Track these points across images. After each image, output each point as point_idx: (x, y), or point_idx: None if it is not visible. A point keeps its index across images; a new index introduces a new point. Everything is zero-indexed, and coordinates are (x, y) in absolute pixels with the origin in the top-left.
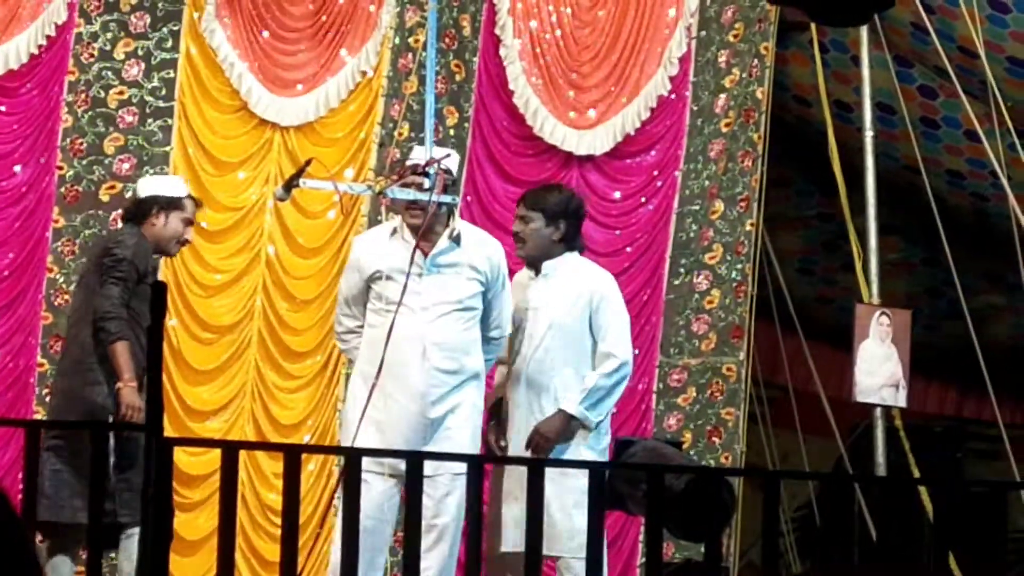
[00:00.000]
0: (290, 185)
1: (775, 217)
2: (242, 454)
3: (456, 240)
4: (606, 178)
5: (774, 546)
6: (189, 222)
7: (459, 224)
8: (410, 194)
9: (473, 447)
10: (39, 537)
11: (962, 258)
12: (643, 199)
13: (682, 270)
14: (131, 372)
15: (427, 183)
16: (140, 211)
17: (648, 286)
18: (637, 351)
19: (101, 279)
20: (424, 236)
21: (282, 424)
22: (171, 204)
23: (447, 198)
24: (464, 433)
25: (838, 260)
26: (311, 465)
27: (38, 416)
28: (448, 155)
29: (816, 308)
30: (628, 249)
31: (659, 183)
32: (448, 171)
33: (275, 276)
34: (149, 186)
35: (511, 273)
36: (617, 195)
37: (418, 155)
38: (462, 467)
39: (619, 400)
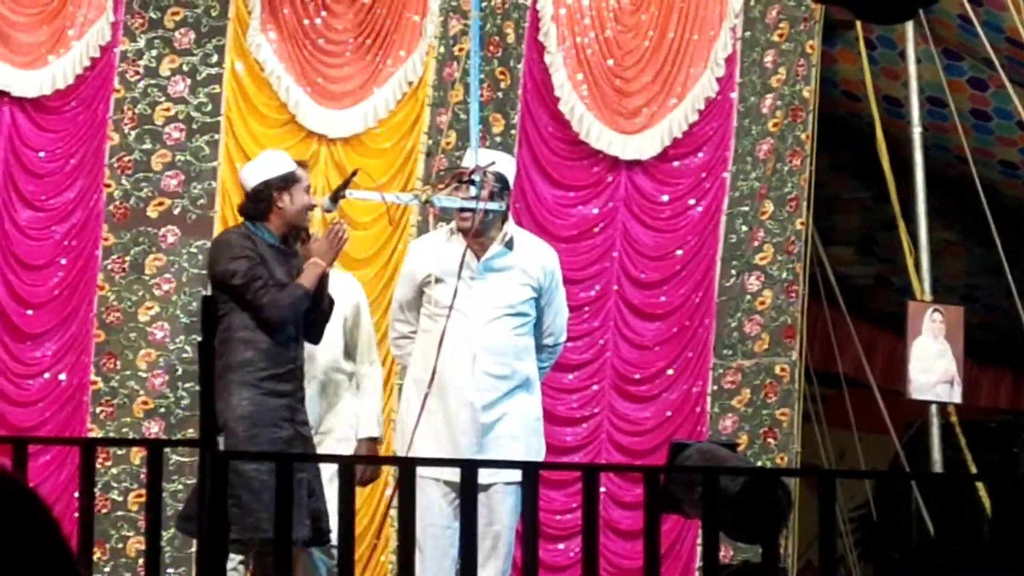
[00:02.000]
0: (336, 196)
1: (832, 199)
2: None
3: (509, 245)
4: (654, 181)
5: (831, 546)
6: (308, 188)
7: (513, 229)
8: (456, 202)
9: (528, 454)
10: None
11: (1019, 248)
12: (692, 201)
13: (733, 272)
14: (311, 272)
15: (473, 191)
16: (259, 204)
17: (700, 289)
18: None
19: (243, 308)
20: (478, 240)
21: None
22: (287, 181)
23: (494, 205)
24: (518, 441)
25: (896, 238)
26: None
27: (92, 435)
28: (493, 161)
29: (875, 291)
30: (679, 252)
31: (708, 185)
32: (498, 176)
33: None
34: (254, 173)
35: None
36: (665, 198)
37: (467, 161)
38: (516, 475)
39: (674, 403)
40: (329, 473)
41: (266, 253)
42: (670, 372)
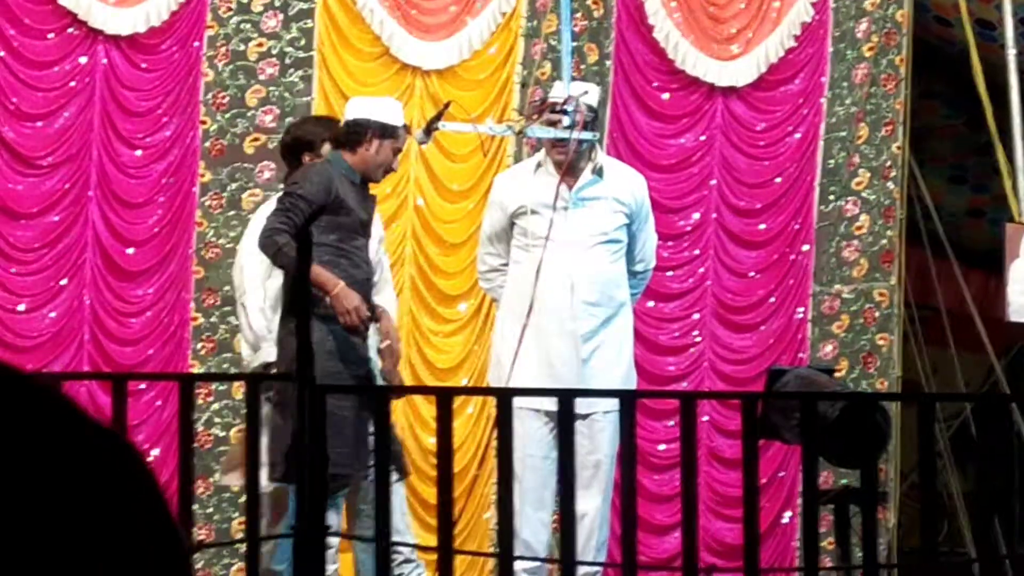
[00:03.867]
0: (430, 129)
1: (924, 127)
2: (400, 400)
3: (599, 173)
4: (751, 109)
5: (931, 469)
6: (399, 151)
7: (602, 158)
8: (551, 132)
9: (625, 382)
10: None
11: None
12: (789, 128)
13: (831, 197)
14: (332, 279)
15: (566, 120)
16: (352, 136)
17: (799, 215)
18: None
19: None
20: (568, 172)
21: (438, 368)
22: (386, 132)
23: (587, 135)
24: (616, 369)
25: (990, 165)
26: (469, 408)
27: (194, 371)
28: (586, 92)
29: (968, 224)
30: (777, 180)
31: (805, 111)
32: (590, 107)
33: (424, 221)
34: (363, 108)
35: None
36: (761, 126)
37: (558, 92)
38: (614, 404)
39: (775, 331)
40: None
41: (344, 188)
42: (772, 300)
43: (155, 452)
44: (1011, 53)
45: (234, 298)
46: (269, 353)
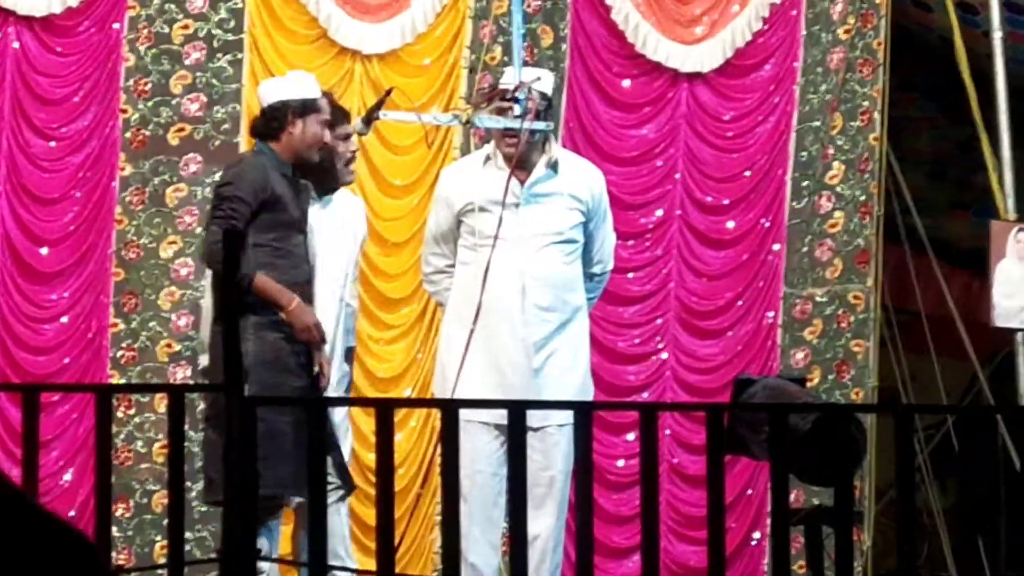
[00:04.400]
0: (370, 118)
1: (902, 120)
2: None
3: (554, 167)
4: (718, 97)
5: (910, 485)
6: (328, 124)
7: (556, 151)
8: (500, 122)
9: (581, 393)
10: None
11: None
12: (759, 117)
13: (804, 192)
14: (286, 294)
15: (517, 109)
16: (271, 123)
17: (770, 212)
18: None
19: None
20: (519, 165)
21: (379, 378)
22: (306, 108)
23: (540, 125)
24: (571, 379)
25: (972, 160)
26: (412, 421)
27: (113, 381)
28: (539, 78)
29: (949, 221)
30: (747, 173)
31: (776, 99)
32: (543, 94)
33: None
34: (274, 90)
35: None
36: (729, 115)
37: (508, 78)
38: (568, 416)
39: (743, 337)
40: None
41: (278, 181)
42: (740, 304)
43: (69, 472)
44: (997, 36)
45: (155, 302)
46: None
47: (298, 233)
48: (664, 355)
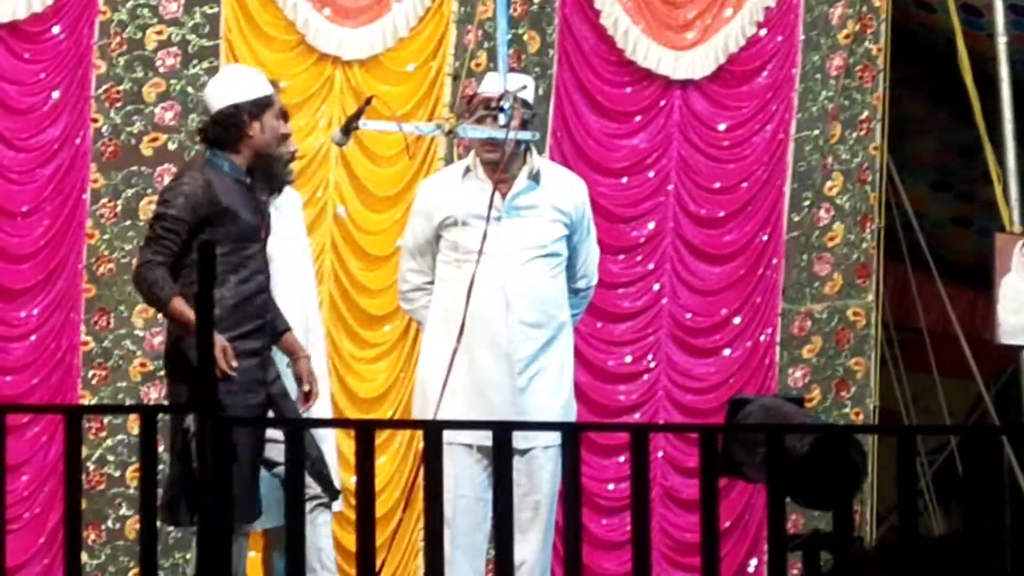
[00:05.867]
0: (349, 128)
1: (905, 121)
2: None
3: (535, 179)
4: (713, 105)
5: (912, 510)
6: (283, 114)
7: (538, 161)
8: (485, 132)
9: (566, 413)
10: None
11: None
12: (756, 126)
13: (805, 204)
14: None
15: (502, 119)
16: (229, 131)
17: (768, 225)
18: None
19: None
20: (501, 175)
21: (360, 398)
22: (260, 106)
23: (526, 135)
24: (557, 399)
25: (977, 168)
26: (395, 443)
27: (84, 402)
28: (524, 86)
29: (953, 234)
30: (744, 185)
31: (774, 107)
32: (524, 103)
33: (345, 232)
34: (224, 93)
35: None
36: (724, 124)
37: (489, 85)
38: (555, 437)
39: (740, 356)
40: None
41: (229, 192)
42: (736, 321)
43: (39, 496)
44: (1001, 41)
45: (128, 319)
46: None
47: (254, 242)
48: (655, 373)
